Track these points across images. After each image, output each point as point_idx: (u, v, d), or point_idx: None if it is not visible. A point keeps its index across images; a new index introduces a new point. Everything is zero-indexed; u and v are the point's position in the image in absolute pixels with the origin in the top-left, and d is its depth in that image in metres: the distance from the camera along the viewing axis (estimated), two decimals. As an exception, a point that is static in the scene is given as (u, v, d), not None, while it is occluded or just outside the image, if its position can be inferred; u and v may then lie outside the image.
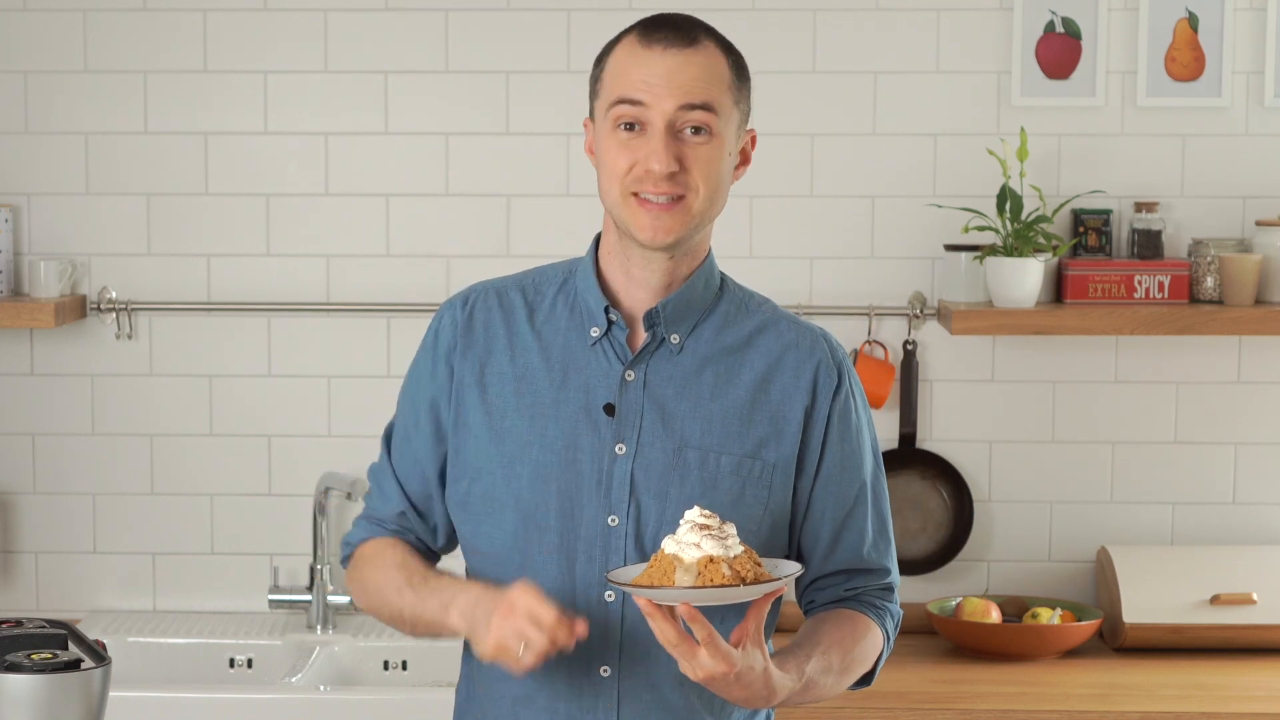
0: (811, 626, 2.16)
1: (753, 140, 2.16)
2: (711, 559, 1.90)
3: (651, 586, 1.91)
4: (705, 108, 2.05)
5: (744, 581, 1.90)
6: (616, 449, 2.10)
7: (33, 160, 3.50)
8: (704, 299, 2.16)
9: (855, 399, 2.19)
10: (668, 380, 2.12)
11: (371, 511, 2.26)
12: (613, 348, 2.13)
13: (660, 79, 2.04)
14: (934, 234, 3.47)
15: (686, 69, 2.05)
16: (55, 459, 3.53)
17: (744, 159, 2.15)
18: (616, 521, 2.09)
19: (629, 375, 2.12)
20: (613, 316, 2.13)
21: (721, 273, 2.21)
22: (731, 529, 1.94)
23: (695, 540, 1.92)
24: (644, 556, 2.08)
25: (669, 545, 1.93)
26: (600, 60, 2.12)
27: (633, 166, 2.05)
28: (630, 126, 2.05)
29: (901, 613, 2.25)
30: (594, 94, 2.12)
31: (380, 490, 2.25)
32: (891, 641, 2.22)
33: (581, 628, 1.97)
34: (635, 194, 2.06)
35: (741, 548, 1.93)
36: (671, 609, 1.92)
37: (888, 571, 2.22)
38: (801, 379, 2.15)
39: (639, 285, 2.13)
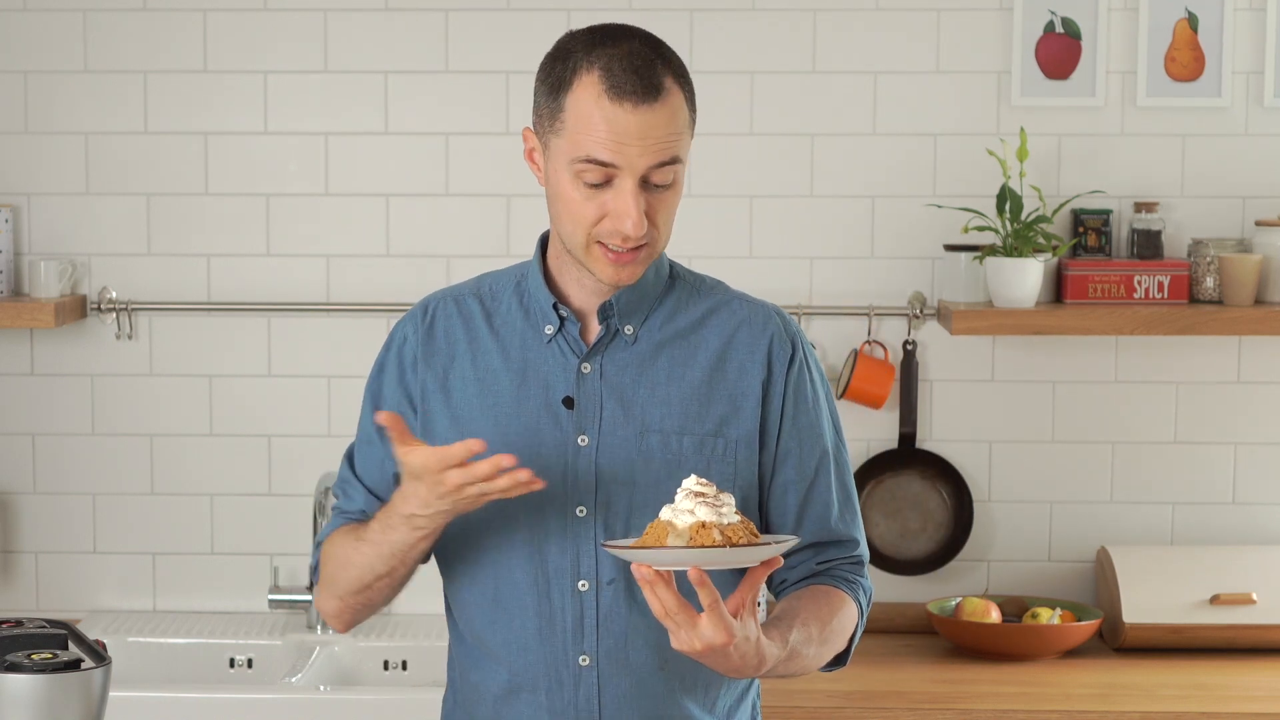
0: (788, 602, 2.17)
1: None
2: (704, 524, 1.90)
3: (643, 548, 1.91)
4: (674, 161, 2.05)
5: (736, 546, 1.89)
6: (579, 441, 2.12)
7: (33, 160, 3.50)
8: (655, 288, 2.18)
9: (811, 370, 2.21)
10: (624, 369, 2.14)
11: (337, 508, 2.27)
12: (567, 343, 2.15)
13: (632, 138, 2.01)
14: (934, 234, 3.47)
15: (655, 127, 2.02)
16: (55, 459, 3.54)
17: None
18: (585, 512, 2.11)
19: (585, 368, 2.14)
20: (562, 313, 2.15)
21: (671, 261, 2.22)
22: (729, 498, 1.94)
23: (690, 507, 1.92)
24: None
25: (665, 512, 1.94)
26: (556, 88, 2.05)
27: (601, 219, 2.04)
28: (598, 179, 2.03)
29: (873, 588, 2.26)
30: (549, 121, 2.06)
31: (346, 494, 2.26)
32: (864, 616, 2.23)
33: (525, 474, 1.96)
34: (600, 242, 2.06)
35: (738, 517, 1.93)
36: (670, 575, 1.91)
37: (856, 543, 2.24)
38: (756, 353, 2.17)
39: (591, 292, 2.16)
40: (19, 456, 3.54)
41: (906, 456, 3.53)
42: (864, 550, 2.25)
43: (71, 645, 1.99)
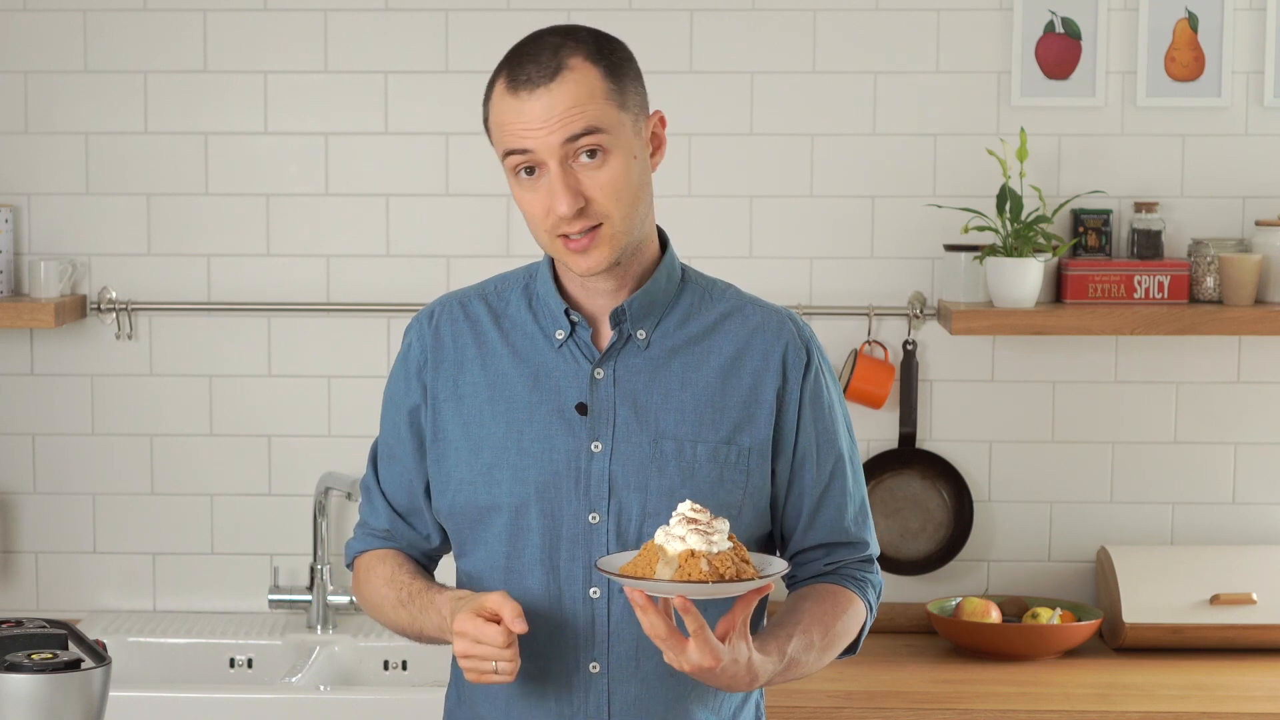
0: (792, 603, 2.18)
1: (661, 122, 2.13)
2: (693, 553, 1.92)
3: (633, 576, 1.94)
4: (590, 131, 2.03)
5: (722, 578, 1.92)
6: (593, 447, 2.12)
7: (33, 160, 3.50)
8: (667, 292, 2.17)
9: (825, 375, 2.21)
10: (637, 374, 2.14)
11: (365, 520, 2.30)
12: (579, 348, 2.15)
13: (537, 121, 2.02)
14: (934, 234, 3.47)
15: (557, 103, 2.02)
16: (55, 459, 3.54)
17: (657, 144, 2.13)
18: (598, 519, 2.11)
19: (598, 373, 2.14)
20: (574, 318, 2.14)
21: (683, 264, 2.22)
22: (722, 525, 1.96)
23: (682, 533, 1.94)
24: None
25: (659, 535, 1.96)
26: (485, 103, 2.11)
27: (547, 212, 2.05)
28: (530, 170, 2.05)
29: (883, 582, 2.27)
30: (490, 137, 2.11)
31: (370, 504, 2.29)
32: (874, 611, 2.24)
33: (519, 625, 1.99)
34: (560, 234, 2.06)
35: (729, 544, 1.95)
36: (658, 600, 1.94)
37: (867, 544, 2.25)
38: (771, 361, 2.16)
39: (595, 293, 2.15)
40: (19, 456, 3.54)
41: (906, 456, 3.53)
42: (874, 549, 2.26)
43: (71, 645, 1.99)
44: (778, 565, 2.02)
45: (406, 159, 3.49)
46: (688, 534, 1.93)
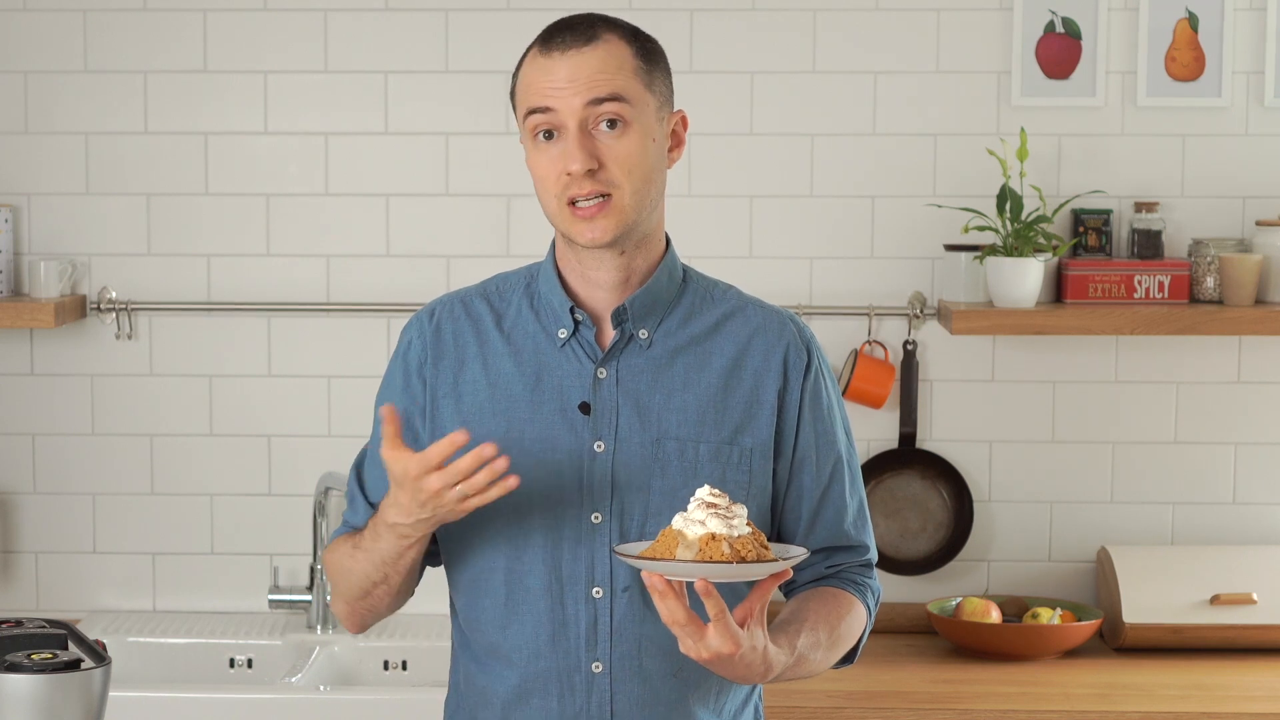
0: (797, 604, 2.17)
1: (683, 122, 2.15)
2: (713, 536, 1.91)
3: (654, 559, 1.92)
4: (614, 98, 2.04)
5: (744, 560, 1.90)
6: (595, 447, 2.12)
7: (33, 160, 3.50)
8: (669, 292, 2.17)
9: (825, 377, 2.21)
10: (640, 374, 2.14)
11: (346, 520, 2.28)
12: (582, 347, 2.15)
13: (563, 81, 2.04)
14: (934, 234, 3.47)
15: (586, 65, 2.04)
16: (55, 459, 3.54)
17: (676, 142, 2.15)
18: (600, 519, 2.11)
19: (601, 373, 2.14)
20: (578, 316, 2.14)
21: (684, 265, 2.22)
22: (740, 510, 1.95)
23: (701, 518, 1.93)
24: None
25: (677, 521, 1.95)
26: (513, 76, 2.13)
27: (559, 174, 2.06)
28: (549, 135, 2.06)
29: (881, 588, 2.27)
30: (513, 106, 2.13)
31: (352, 507, 2.27)
32: (873, 617, 2.24)
33: (502, 462, 1.94)
34: (571, 201, 2.06)
35: (749, 529, 1.94)
36: (679, 584, 1.92)
37: (866, 548, 2.25)
38: (772, 361, 2.17)
39: (597, 286, 2.15)
40: (19, 456, 3.54)
41: (906, 456, 3.53)
42: (873, 554, 2.26)
43: (71, 645, 1.99)
44: (796, 551, 2.02)
45: (406, 159, 3.49)
46: (708, 518, 1.92)
